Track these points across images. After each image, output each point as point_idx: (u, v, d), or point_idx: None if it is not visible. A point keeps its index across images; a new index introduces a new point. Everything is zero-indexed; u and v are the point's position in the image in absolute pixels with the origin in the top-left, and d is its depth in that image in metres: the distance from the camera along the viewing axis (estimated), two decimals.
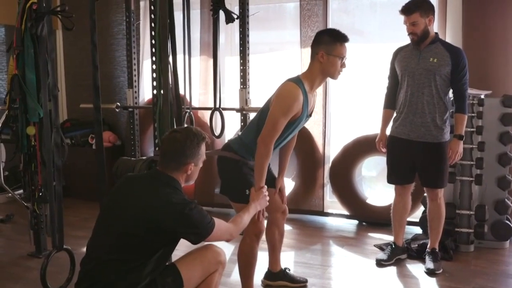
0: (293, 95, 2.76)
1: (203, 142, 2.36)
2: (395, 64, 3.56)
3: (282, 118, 2.74)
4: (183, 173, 2.32)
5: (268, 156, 2.76)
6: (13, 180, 4.84)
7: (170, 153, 2.30)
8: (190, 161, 2.30)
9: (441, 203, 3.56)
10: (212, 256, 2.41)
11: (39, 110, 3.44)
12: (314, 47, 2.84)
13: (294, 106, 2.75)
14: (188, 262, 2.36)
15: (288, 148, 3.18)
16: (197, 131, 2.37)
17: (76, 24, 3.13)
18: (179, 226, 2.19)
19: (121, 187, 2.36)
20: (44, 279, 3.00)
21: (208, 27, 4.78)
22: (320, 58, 2.79)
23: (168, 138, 2.34)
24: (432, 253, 3.60)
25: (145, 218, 2.16)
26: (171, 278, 2.27)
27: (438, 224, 3.59)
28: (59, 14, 3.14)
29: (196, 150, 2.31)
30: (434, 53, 3.36)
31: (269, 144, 2.74)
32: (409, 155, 3.50)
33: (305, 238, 4.27)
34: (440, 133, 3.41)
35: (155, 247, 2.21)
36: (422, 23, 3.32)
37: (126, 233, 2.17)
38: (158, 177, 2.30)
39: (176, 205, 2.19)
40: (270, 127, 2.74)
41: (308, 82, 2.85)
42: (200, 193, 4.97)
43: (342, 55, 2.79)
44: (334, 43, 2.78)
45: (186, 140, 2.28)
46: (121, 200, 2.27)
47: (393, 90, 3.58)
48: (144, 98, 5.24)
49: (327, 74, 2.85)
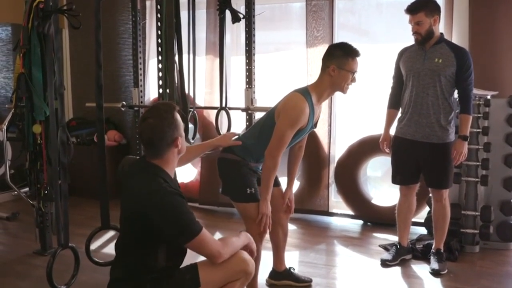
0: (299, 108, 2.77)
1: (175, 111, 2.27)
2: (400, 64, 3.55)
3: (289, 131, 2.76)
4: (173, 150, 2.26)
5: (275, 169, 2.80)
6: (19, 178, 4.85)
7: (152, 141, 2.22)
8: (176, 136, 2.24)
9: (446, 203, 3.55)
10: (238, 263, 2.28)
11: (45, 108, 3.45)
12: (325, 60, 2.85)
13: (301, 119, 2.77)
14: (211, 264, 2.24)
15: (296, 159, 3.19)
16: (164, 105, 2.30)
17: (83, 23, 3.14)
18: (154, 213, 2.11)
19: (123, 183, 2.37)
20: (50, 277, 3.01)
21: (214, 27, 4.79)
22: (331, 72, 2.80)
23: (144, 128, 2.23)
24: (437, 254, 3.59)
25: (131, 211, 2.21)
26: (189, 275, 2.23)
27: (443, 225, 3.58)
28: (66, 13, 3.14)
29: (174, 123, 2.23)
30: (439, 54, 3.35)
31: (277, 157, 2.77)
32: (414, 155, 3.50)
33: (310, 237, 4.27)
34: (445, 133, 3.40)
35: (149, 240, 2.19)
36: (427, 22, 3.31)
37: (124, 226, 2.28)
38: (146, 168, 2.26)
39: (151, 193, 2.13)
40: (278, 140, 2.76)
41: (316, 94, 2.85)
42: (205, 192, 4.98)
43: (353, 70, 2.81)
44: (346, 57, 2.80)
45: (162, 121, 2.20)
46: (123, 195, 2.30)
47: (398, 90, 3.58)
48: (150, 97, 5.25)
49: (337, 88, 2.87)
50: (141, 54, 4.99)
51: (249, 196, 2.84)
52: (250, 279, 2.37)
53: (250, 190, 2.84)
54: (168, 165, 2.28)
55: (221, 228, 4.46)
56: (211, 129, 4.82)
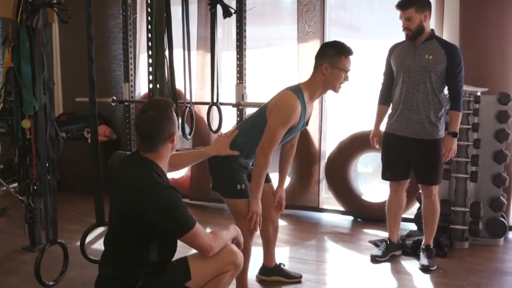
0: (291, 106, 2.76)
1: (173, 107, 2.28)
2: (390, 60, 3.56)
3: (280, 129, 2.76)
4: (169, 145, 2.27)
5: (267, 167, 2.81)
6: (8, 173, 4.82)
7: (150, 134, 2.22)
8: (173, 131, 2.26)
9: (436, 199, 3.57)
10: (228, 256, 2.33)
11: (34, 103, 3.42)
12: (318, 58, 2.85)
13: (293, 117, 2.77)
14: (201, 257, 2.29)
15: (288, 157, 3.19)
16: (163, 101, 2.32)
17: (72, 17, 3.11)
18: (148, 207, 2.12)
19: (114, 177, 2.36)
20: (38, 273, 2.99)
21: (205, 22, 4.77)
22: (323, 70, 2.80)
23: (144, 120, 2.23)
24: (426, 250, 3.61)
25: (124, 205, 2.20)
26: (180, 269, 2.26)
27: (432, 221, 3.60)
28: (55, 6, 3.12)
29: (173, 118, 2.26)
30: (430, 50, 3.36)
31: (268, 154, 2.77)
32: (404, 151, 3.51)
33: (300, 233, 4.28)
34: (435, 130, 3.41)
35: (142, 235, 2.19)
36: (417, 18, 3.32)
37: (116, 221, 2.26)
38: (139, 162, 2.26)
39: (145, 187, 2.13)
40: (269, 138, 2.76)
41: (308, 92, 2.85)
42: (196, 188, 4.98)
43: (346, 68, 2.81)
44: (339, 56, 2.79)
45: (162, 114, 2.22)
46: (114, 189, 2.31)
47: (388, 86, 3.59)
48: (140, 92, 5.23)
49: (329, 86, 2.86)
50: (131, 48, 4.95)
51: (239, 192, 2.83)
52: (239, 270, 2.41)
53: (240, 186, 2.83)
54: (162, 159, 2.28)
55: (212, 224, 4.45)
56: (201, 124, 4.81)
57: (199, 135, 4.86)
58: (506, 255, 3.85)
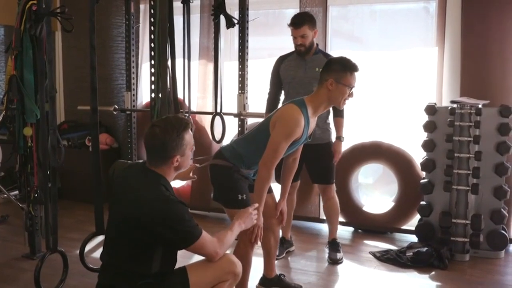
0: (295, 120, 2.77)
1: (186, 131, 2.26)
2: (279, 72, 3.78)
3: (283, 143, 2.76)
4: (170, 165, 2.28)
5: (269, 180, 2.82)
6: (9, 181, 4.82)
7: (152, 149, 2.26)
8: (174, 154, 2.24)
9: (336, 199, 3.88)
10: (227, 265, 2.34)
11: (36, 111, 3.43)
12: (323, 73, 2.85)
13: (296, 131, 2.77)
14: (199, 267, 2.32)
15: (290, 171, 3.19)
16: (176, 121, 2.28)
17: (76, 26, 3.13)
18: (156, 221, 2.13)
19: (118, 186, 2.36)
20: (37, 281, 2.99)
21: (208, 32, 4.79)
22: (328, 85, 2.80)
23: (148, 134, 2.26)
24: (333, 243, 3.91)
25: (129, 216, 2.19)
26: (178, 279, 2.26)
27: (336, 219, 3.95)
28: (59, 15, 3.14)
29: (178, 142, 2.23)
30: (318, 63, 3.56)
31: (271, 168, 2.78)
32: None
33: (301, 244, 4.26)
34: (325, 134, 3.77)
35: (146, 246, 2.19)
36: (310, 35, 3.62)
37: (119, 231, 2.26)
38: (146, 174, 2.27)
39: (153, 200, 2.15)
40: (272, 152, 2.76)
41: (312, 107, 2.85)
42: (197, 198, 4.97)
43: (351, 84, 2.82)
44: (344, 72, 2.80)
45: (165, 135, 2.21)
46: (117, 199, 2.31)
47: (276, 96, 3.86)
48: (142, 101, 5.24)
49: (333, 101, 2.87)
50: (134, 57, 4.98)
51: (241, 202, 2.82)
52: (238, 280, 2.42)
53: (241, 196, 2.83)
54: (166, 175, 2.31)
55: (212, 233, 4.40)
56: (203, 134, 4.81)
57: (200, 145, 4.86)
58: (507, 268, 3.83)
